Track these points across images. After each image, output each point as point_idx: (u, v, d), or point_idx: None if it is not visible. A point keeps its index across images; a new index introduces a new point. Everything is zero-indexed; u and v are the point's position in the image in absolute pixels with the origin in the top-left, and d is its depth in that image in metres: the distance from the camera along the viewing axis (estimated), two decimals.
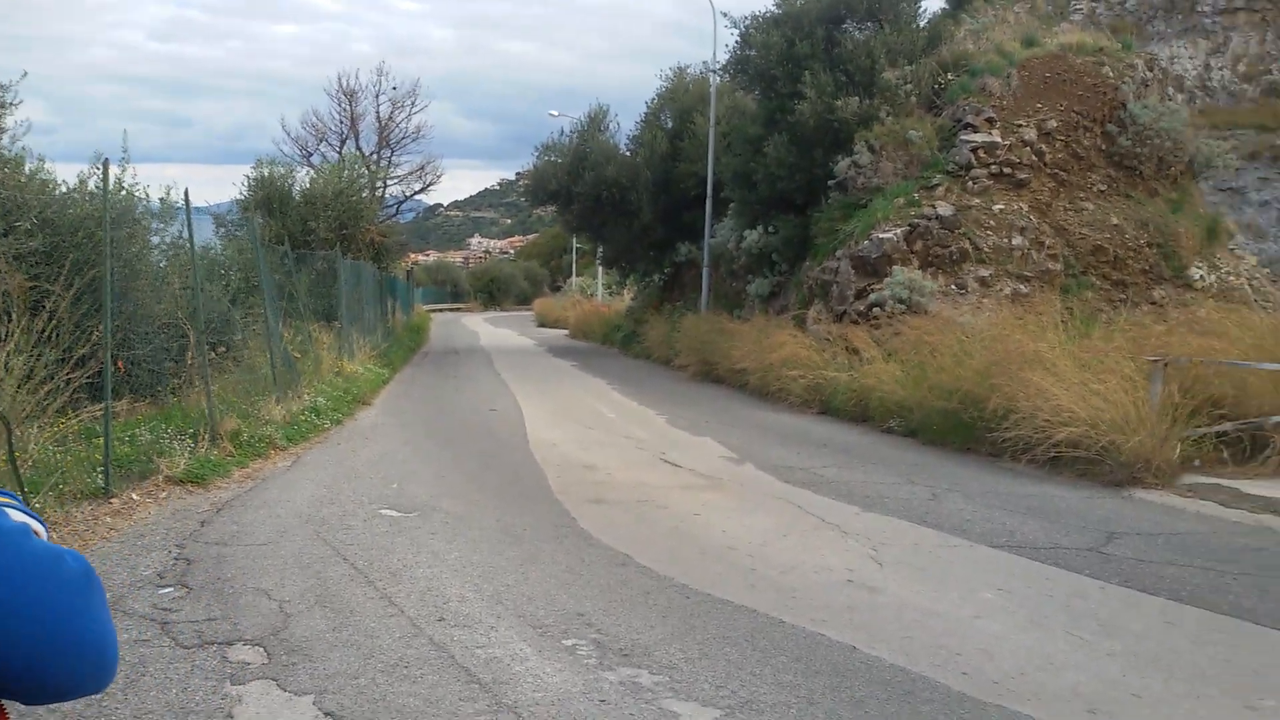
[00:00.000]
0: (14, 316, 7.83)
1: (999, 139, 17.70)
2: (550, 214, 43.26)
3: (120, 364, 10.17)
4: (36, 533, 1.04)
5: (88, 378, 8.86)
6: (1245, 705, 4.32)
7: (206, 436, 9.77)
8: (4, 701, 1.06)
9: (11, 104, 10.52)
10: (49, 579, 0.98)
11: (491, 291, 75.35)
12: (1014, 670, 4.68)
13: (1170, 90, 20.87)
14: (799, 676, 4.60)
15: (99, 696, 4.26)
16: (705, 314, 23.58)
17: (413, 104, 42.95)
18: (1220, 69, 33.35)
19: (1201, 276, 17.32)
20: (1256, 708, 4.31)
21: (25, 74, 10.38)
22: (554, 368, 23.67)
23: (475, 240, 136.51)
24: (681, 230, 27.72)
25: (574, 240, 54.89)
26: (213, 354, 11.72)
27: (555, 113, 34.18)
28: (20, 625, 0.95)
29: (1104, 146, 18.33)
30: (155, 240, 13.21)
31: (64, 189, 11.22)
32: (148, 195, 12.29)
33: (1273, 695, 4.44)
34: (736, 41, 21.51)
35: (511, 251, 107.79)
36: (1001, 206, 17.15)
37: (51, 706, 4.13)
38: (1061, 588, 6.05)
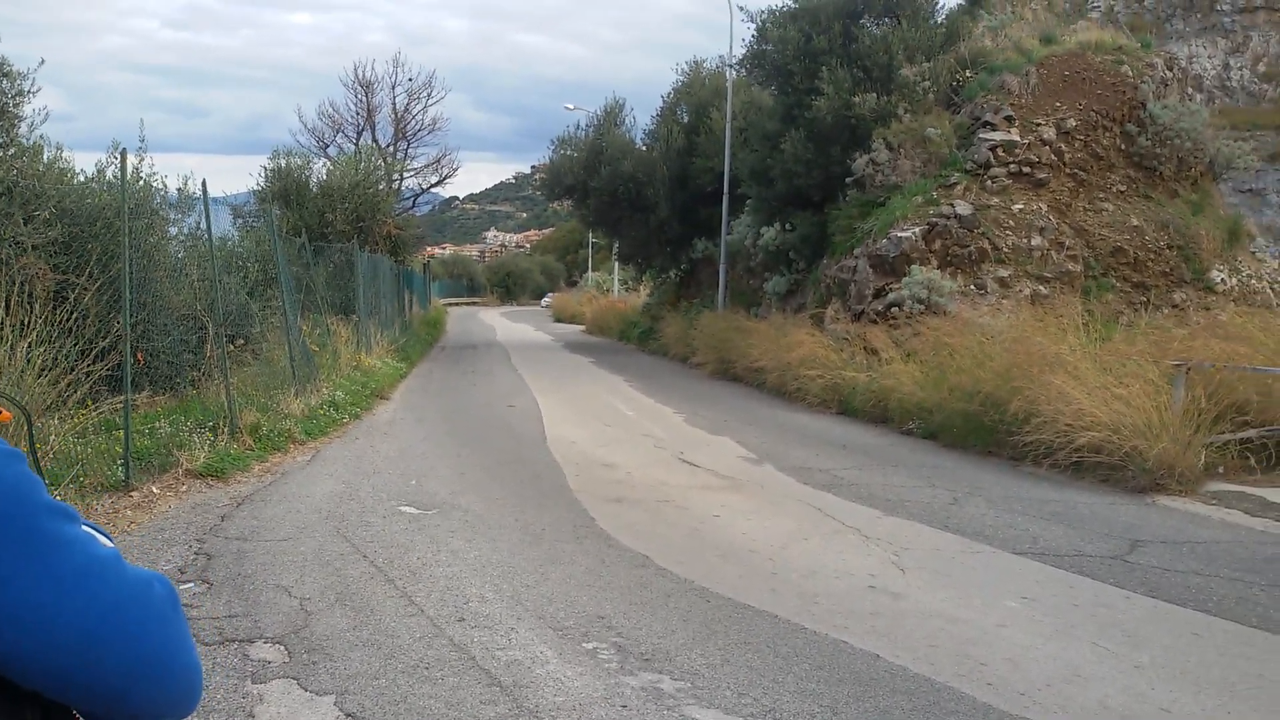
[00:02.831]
0: (36, 307, 7.83)
1: (1018, 137, 17.60)
2: (566, 208, 43.29)
3: (140, 356, 10.19)
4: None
5: (107, 369, 8.87)
6: None
7: (226, 430, 9.78)
8: None
9: (29, 92, 10.50)
10: (143, 608, 0.96)
11: (508, 286, 75.48)
12: (1041, 681, 4.63)
13: (1189, 90, 20.69)
14: (822, 685, 4.56)
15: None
16: (722, 311, 23.52)
17: (429, 96, 42.99)
18: (1240, 69, 33.10)
19: (1223, 279, 17.18)
20: None
21: (43, 61, 10.36)
22: (571, 364, 23.65)
23: (491, 234, 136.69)
24: (698, 226, 27.66)
25: (590, 235, 54.88)
26: (231, 346, 11.73)
27: (571, 106, 34.53)
28: (115, 656, 0.93)
29: (1123, 146, 18.20)
30: (173, 231, 13.22)
31: (82, 178, 11.23)
32: (165, 185, 12.31)
33: None
34: (753, 36, 21.47)
35: (528, 246, 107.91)
36: (1021, 206, 17.04)
37: None
38: (1086, 596, 5.99)
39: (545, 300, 63.28)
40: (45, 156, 10.77)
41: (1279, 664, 4.97)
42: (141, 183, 11.58)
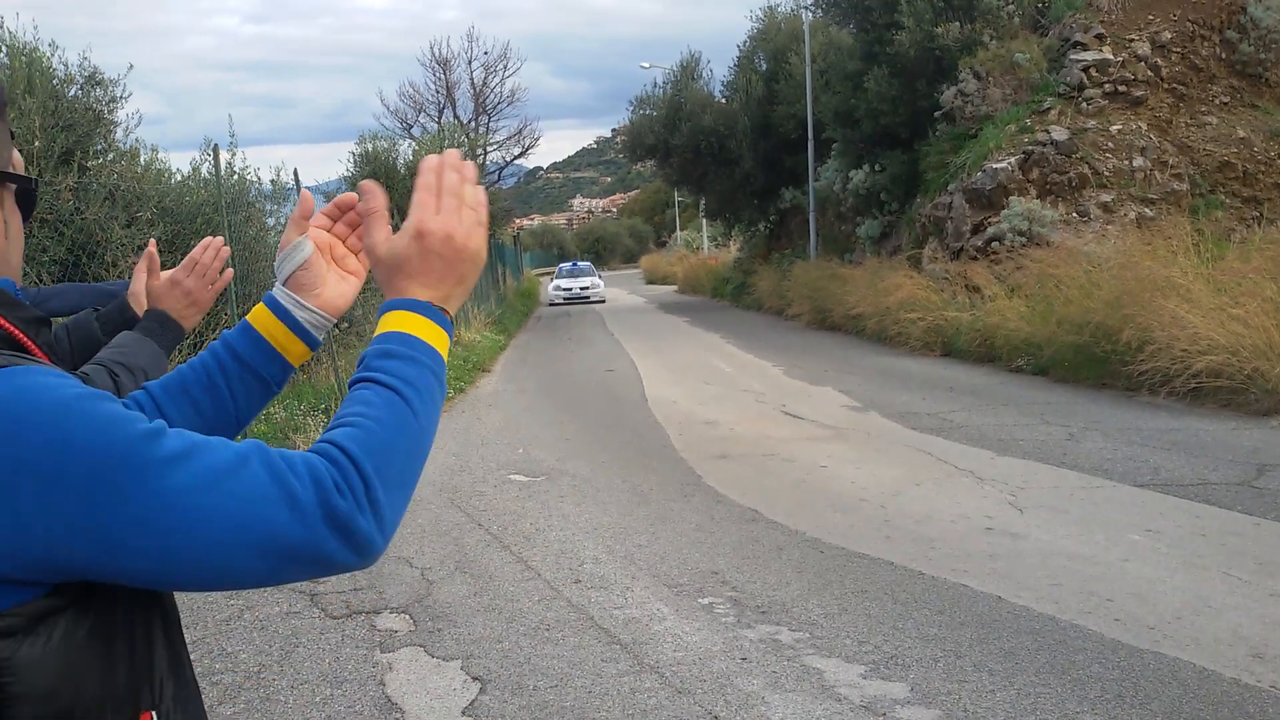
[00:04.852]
0: None
1: (1110, 56, 16.89)
2: (649, 169, 43.10)
3: None
4: None
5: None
6: None
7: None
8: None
9: (121, 98, 10.83)
10: (261, 500, 0.94)
11: (598, 251, 75.79)
12: (1170, 615, 4.51)
13: None
14: (943, 629, 4.52)
15: (255, 668, 4.44)
16: (815, 260, 23.26)
17: (505, 67, 43.35)
18: None
19: None
20: None
21: (131, 67, 10.64)
22: (666, 324, 23.68)
23: (577, 201, 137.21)
24: (784, 176, 27.32)
25: (676, 194, 54.66)
26: (336, 330, 12.02)
27: (647, 64, 33.79)
28: (247, 550, 0.94)
29: (1224, 55, 17.34)
30: (270, 222, 13.56)
31: (179, 177, 11.57)
32: (259, 178, 12.60)
33: None
34: None
35: (614, 210, 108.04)
36: (1119, 127, 16.39)
37: (214, 679, 4.33)
38: (1213, 525, 5.80)
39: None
40: (142, 159, 11.12)
41: None
42: (236, 177, 11.88)
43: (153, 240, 2.14)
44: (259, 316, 1.31)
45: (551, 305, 34.86)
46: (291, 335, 1.31)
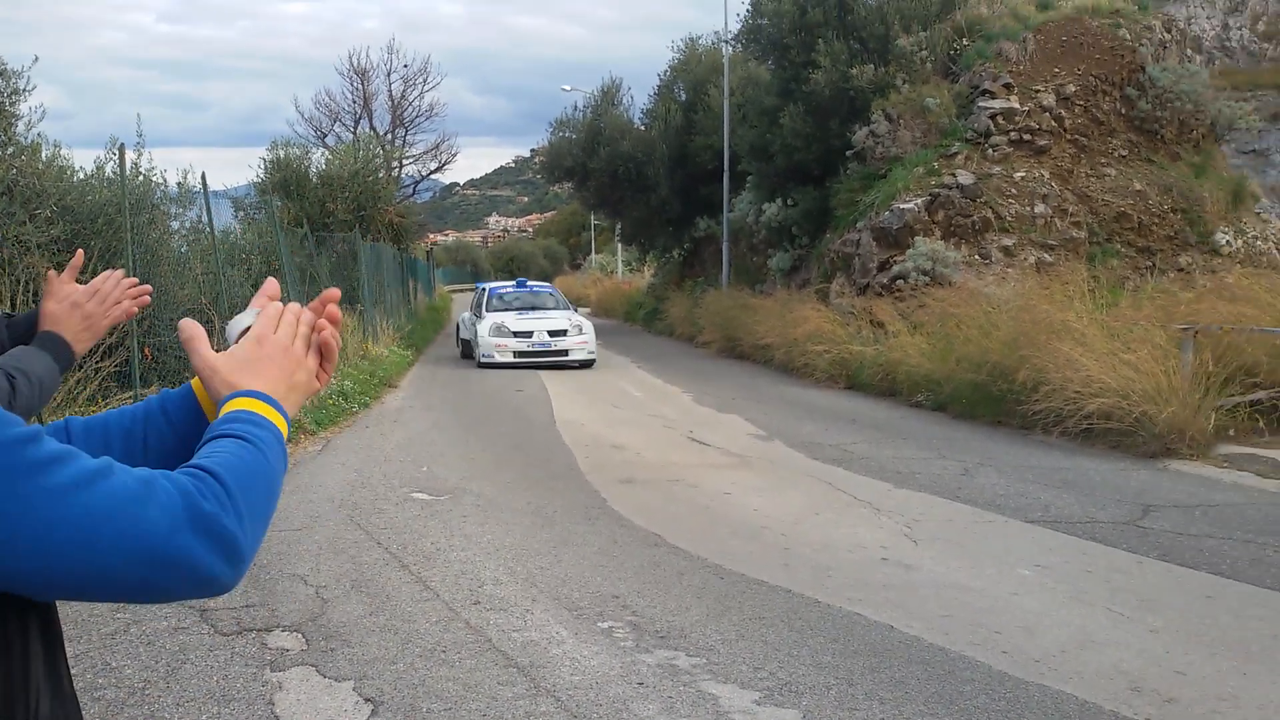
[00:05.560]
0: None
1: (1017, 105, 17.50)
2: (567, 191, 43.20)
3: (148, 351, 10.21)
4: None
5: (115, 366, 8.89)
6: None
7: None
8: None
9: (25, 90, 10.48)
10: (139, 504, 0.98)
11: (511, 270, 75.38)
12: (1055, 648, 4.65)
13: (1189, 51, 20.56)
14: (837, 657, 4.58)
15: (140, 684, 4.30)
16: (726, 289, 23.51)
17: (425, 81, 42.79)
18: (1239, 28, 32.82)
19: (1228, 241, 17.10)
20: None
21: (36, 59, 10.33)
22: None
23: (493, 219, 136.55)
24: (699, 205, 27.60)
25: (592, 217, 54.79)
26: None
27: (568, 87, 33.98)
28: (118, 555, 0.96)
29: (1124, 111, 18.10)
30: (175, 225, 13.21)
31: (82, 175, 11.21)
32: (165, 180, 12.28)
33: None
34: (748, 10, 21.41)
35: (530, 230, 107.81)
36: (1023, 174, 16.97)
37: (96, 695, 4.17)
38: (1100, 562, 6.01)
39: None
40: (44, 154, 10.75)
41: None
42: (141, 178, 11.56)
43: (80, 251, 2.15)
44: (199, 385, 1.30)
45: (484, 364, 18.41)
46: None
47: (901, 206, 16.58)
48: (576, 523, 7.09)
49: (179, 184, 12.95)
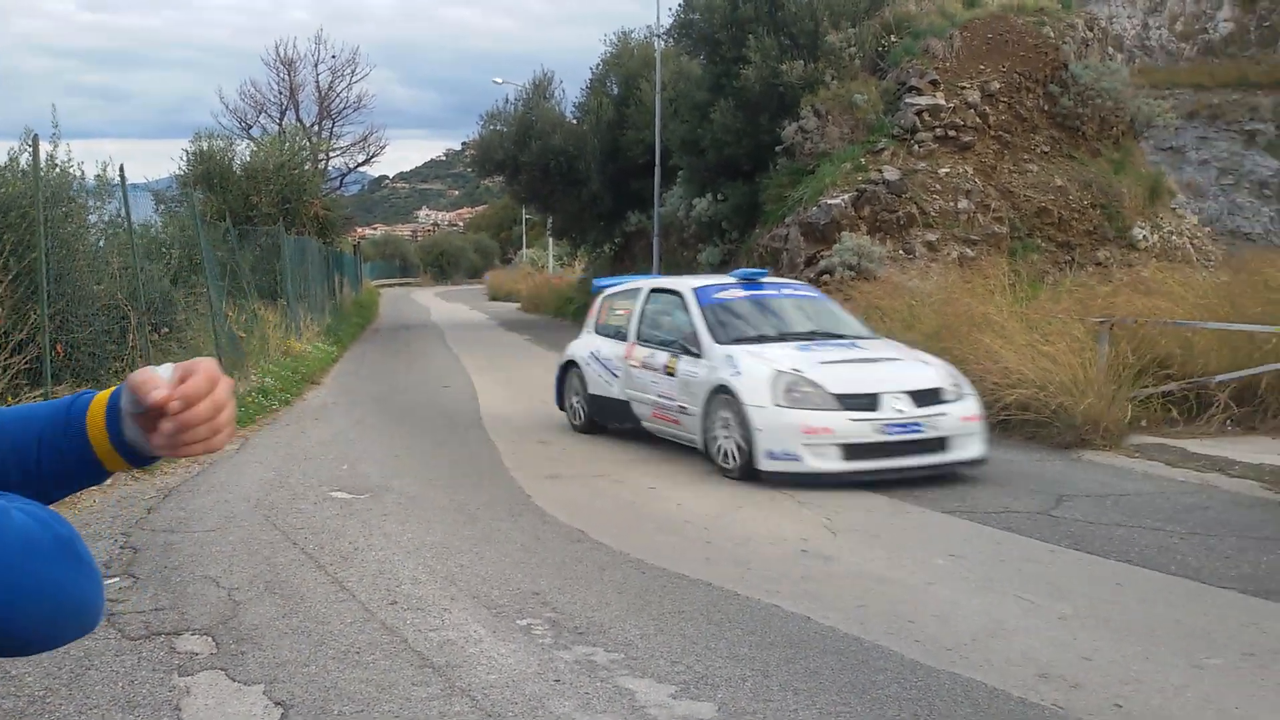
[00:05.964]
0: None
1: (943, 101, 17.77)
2: (498, 185, 42.89)
3: (60, 348, 9.92)
4: None
5: (26, 363, 8.63)
6: (1192, 665, 4.39)
7: None
8: None
9: None
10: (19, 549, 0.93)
11: (442, 265, 74.73)
12: (967, 636, 4.72)
13: (1110, 50, 21.07)
14: (754, 649, 4.60)
15: (41, 693, 4.18)
16: None
17: (353, 73, 42.30)
18: (1158, 28, 33.67)
19: (1145, 236, 17.56)
20: (1204, 666, 4.38)
21: None
22: (507, 342, 23.53)
23: (423, 213, 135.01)
24: (631, 199, 27.58)
25: (523, 211, 54.46)
26: (155, 335, 11.46)
27: (499, 80, 33.58)
28: None
29: (1046, 107, 18.47)
30: (93, 219, 12.85)
31: None
32: (83, 173, 11.95)
33: (1220, 654, 4.51)
34: (680, 4, 21.39)
35: (461, 224, 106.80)
36: (947, 170, 17.24)
37: None
38: (1013, 552, 6.12)
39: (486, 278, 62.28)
40: None
41: (1196, 608, 5.12)
42: (57, 170, 11.22)
43: None
44: (93, 418, 1.20)
45: (774, 475, 7.95)
46: (113, 452, 1.20)
47: (829, 202, 16.74)
48: (500, 519, 7.04)
49: (97, 176, 12.59)
